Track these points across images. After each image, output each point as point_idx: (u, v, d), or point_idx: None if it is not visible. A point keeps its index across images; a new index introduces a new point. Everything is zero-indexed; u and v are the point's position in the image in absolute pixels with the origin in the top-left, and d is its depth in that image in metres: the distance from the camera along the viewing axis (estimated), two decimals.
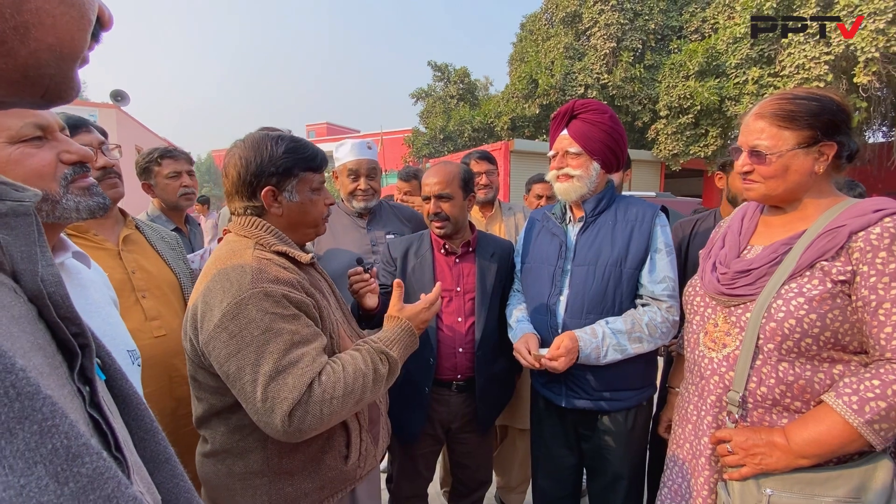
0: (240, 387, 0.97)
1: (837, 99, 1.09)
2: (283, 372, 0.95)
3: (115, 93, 12.49)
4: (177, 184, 2.17)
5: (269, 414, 0.94)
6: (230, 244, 1.12)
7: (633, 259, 1.49)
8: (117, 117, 13.92)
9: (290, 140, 1.16)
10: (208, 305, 1.01)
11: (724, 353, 1.16)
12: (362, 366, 1.06)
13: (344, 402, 1.00)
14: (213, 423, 1.12)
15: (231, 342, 0.96)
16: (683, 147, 13.76)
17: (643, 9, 14.63)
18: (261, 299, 0.98)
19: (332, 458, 1.14)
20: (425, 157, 17.33)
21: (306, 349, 1.00)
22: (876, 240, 0.98)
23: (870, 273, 0.97)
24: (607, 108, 1.56)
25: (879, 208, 1.00)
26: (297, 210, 1.18)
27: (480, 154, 2.69)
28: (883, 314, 0.96)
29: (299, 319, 1.02)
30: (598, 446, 1.57)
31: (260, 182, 1.12)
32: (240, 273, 1.01)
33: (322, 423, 0.98)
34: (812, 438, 0.99)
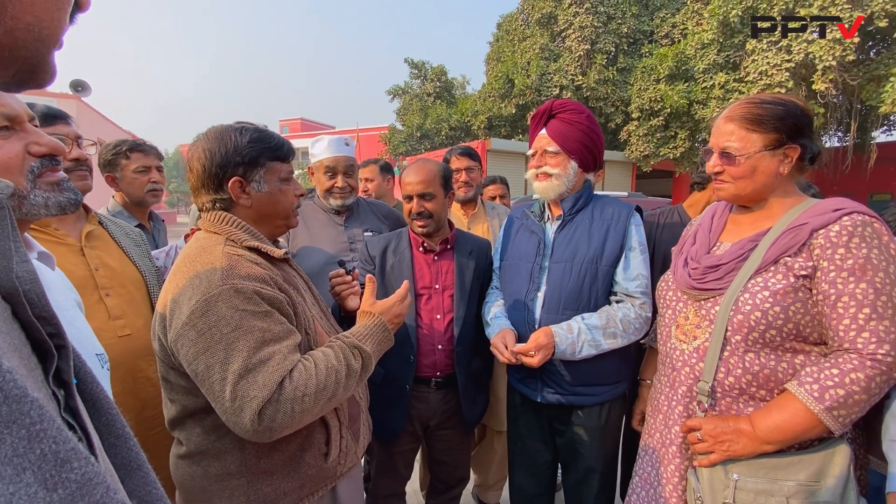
0: (208, 386, 0.95)
1: (801, 104, 1.16)
2: (252, 370, 0.93)
3: (76, 82, 11.92)
4: (145, 179, 2.08)
5: (238, 413, 0.92)
6: (199, 241, 1.09)
7: (608, 257, 1.53)
8: (77, 108, 13.30)
9: (254, 130, 1.13)
10: (177, 303, 0.98)
11: (695, 345, 1.20)
12: (335, 362, 1.04)
13: (316, 399, 0.99)
14: (187, 424, 1.08)
15: (199, 340, 0.94)
16: (654, 149, 14.15)
17: (616, 12, 14.96)
18: (231, 296, 0.96)
19: (312, 456, 1.12)
20: (402, 155, 17.24)
21: (277, 347, 0.98)
22: (835, 237, 1.03)
23: (829, 268, 1.03)
24: (585, 108, 1.60)
25: (838, 208, 1.07)
26: (267, 201, 1.15)
27: (462, 150, 2.59)
28: (841, 307, 1.01)
29: (271, 316, 1.00)
30: (573, 441, 1.60)
31: (226, 173, 1.09)
32: (209, 270, 0.98)
33: (294, 421, 0.96)
34: (776, 425, 1.04)
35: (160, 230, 2.34)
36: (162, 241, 2.30)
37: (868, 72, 11.21)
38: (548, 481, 1.74)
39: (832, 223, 1.05)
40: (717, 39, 12.37)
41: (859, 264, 1.00)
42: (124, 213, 2.10)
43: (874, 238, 1.02)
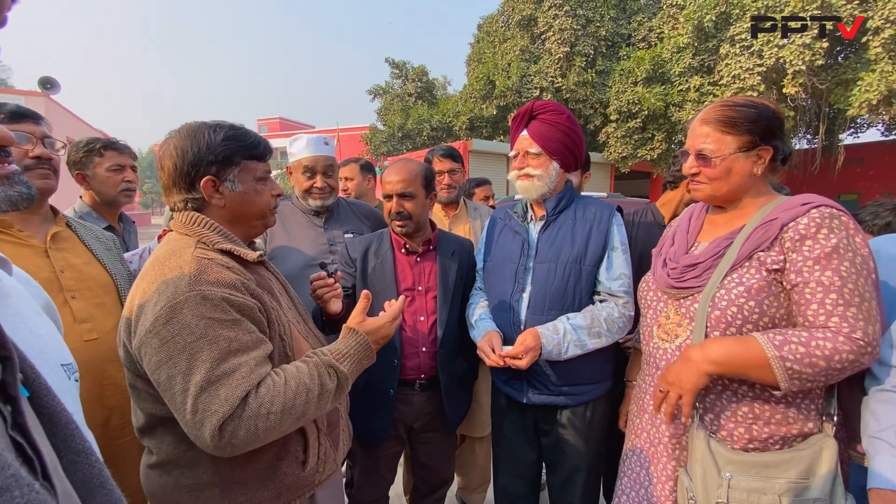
0: (170, 397, 0.91)
1: (772, 107, 1.19)
2: (215, 383, 0.89)
3: (44, 80, 11.52)
4: (119, 178, 2.01)
5: (198, 427, 0.88)
6: (170, 243, 1.05)
7: (591, 256, 1.53)
8: (46, 106, 12.84)
9: (229, 128, 1.09)
10: (142, 309, 0.94)
11: (677, 343, 1.22)
12: (307, 380, 1.00)
13: (283, 418, 0.94)
14: (157, 432, 1.04)
15: (162, 349, 0.90)
16: (632, 150, 14.41)
17: (595, 16, 15.19)
18: (198, 303, 0.92)
19: (289, 465, 1.09)
20: (383, 155, 17.15)
21: (244, 358, 0.94)
22: (803, 229, 1.07)
23: (797, 259, 1.06)
24: (565, 109, 1.60)
25: (807, 202, 1.10)
26: (241, 201, 1.11)
27: (444, 151, 2.51)
28: (809, 293, 1.04)
29: (240, 325, 0.96)
30: (558, 440, 1.60)
31: (198, 172, 1.05)
32: (177, 275, 0.94)
33: (257, 439, 0.92)
34: (726, 351, 1.06)
35: (131, 232, 2.26)
36: (132, 243, 2.22)
37: (836, 76, 11.64)
38: (532, 482, 1.74)
39: (801, 216, 1.08)
40: (692, 43, 12.68)
41: (825, 253, 1.03)
42: (93, 213, 2.02)
43: (841, 229, 1.05)
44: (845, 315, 0.99)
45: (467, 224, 2.50)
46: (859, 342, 0.98)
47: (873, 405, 1.05)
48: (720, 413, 1.15)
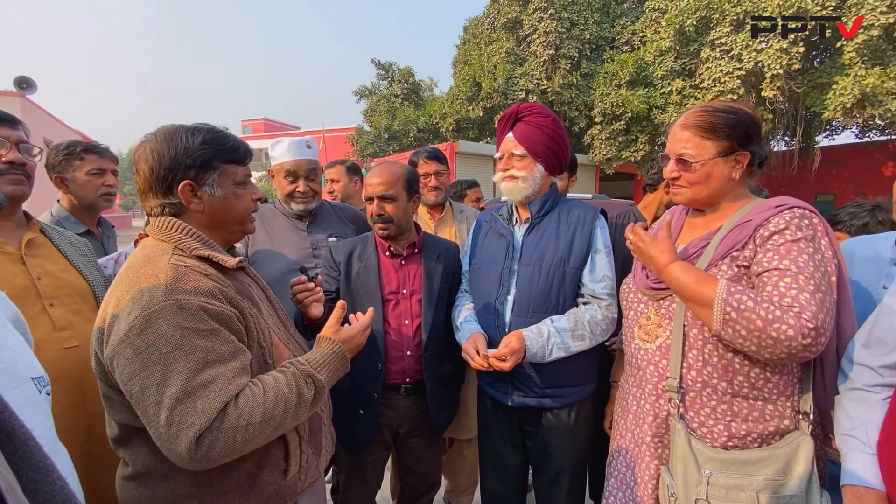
0: (143, 409, 0.88)
1: (750, 112, 1.22)
2: (192, 394, 0.87)
3: (20, 79, 11.22)
4: (99, 182, 1.97)
5: (173, 440, 0.86)
6: (145, 249, 1.02)
7: (575, 259, 1.54)
8: (22, 106, 12.49)
9: (207, 131, 1.07)
10: (116, 318, 0.91)
11: (657, 343, 1.24)
12: (285, 389, 0.99)
13: (261, 428, 0.93)
14: (133, 443, 1.01)
15: (136, 359, 0.88)
16: (616, 152, 14.60)
17: (579, 19, 15.35)
18: (173, 312, 0.89)
19: (270, 473, 1.07)
20: (370, 157, 17.08)
21: (222, 369, 0.92)
22: (773, 226, 1.11)
23: (764, 252, 1.10)
24: (550, 112, 1.61)
25: (780, 204, 1.14)
26: (221, 206, 1.09)
27: (430, 153, 2.46)
28: (766, 276, 1.08)
29: (217, 335, 0.94)
30: (543, 442, 1.61)
31: (176, 176, 1.02)
32: (153, 283, 0.92)
33: (234, 450, 0.91)
34: (682, 278, 1.13)
35: (110, 237, 2.21)
36: (111, 247, 2.17)
37: (812, 80, 11.96)
38: (519, 484, 1.74)
39: (774, 216, 1.12)
40: (673, 47, 12.90)
41: (786, 247, 1.08)
42: (71, 217, 1.97)
43: (809, 228, 1.09)
44: (797, 297, 1.02)
45: (453, 227, 2.48)
46: (806, 324, 0.98)
47: (845, 403, 1.07)
48: (699, 410, 1.17)
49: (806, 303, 1.01)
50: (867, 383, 1.05)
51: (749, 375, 1.12)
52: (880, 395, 1.02)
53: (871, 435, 0.99)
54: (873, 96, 10.50)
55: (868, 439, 0.99)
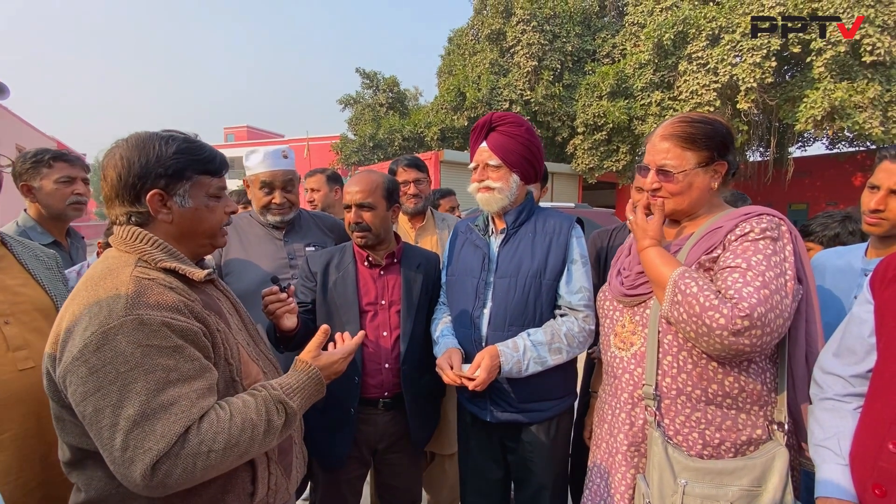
0: (96, 431, 0.83)
1: (725, 123, 1.24)
2: (150, 417, 0.82)
3: None
4: (68, 190, 1.92)
5: (127, 465, 0.81)
6: (107, 261, 0.97)
7: (551, 270, 1.53)
8: None
9: (182, 140, 1.03)
10: (70, 333, 0.86)
11: (632, 351, 1.24)
12: (254, 415, 0.94)
13: (224, 455, 0.88)
14: (87, 467, 0.95)
15: (90, 378, 0.82)
16: (598, 161, 14.84)
17: (561, 31, 15.65)
18: (134, 329, 0.85)
19: (236, 498, 1.01)
20: (354, 165, 17.02)
21: (185, 389, 0.87)
22: (739, 231, 1.13)
23: (726, 254, 1.12)
24: (524, 120, 1.60)
25: (748, 212, 1.17)
26: (191, 218, 1.04)
27: (409, 161, 2.45)
28: (720, 273, 1.11)
29: (181, 352, 0.89)
30: (523, 458, 1.58)
31: (145, 184, 0.98)
32: (112, 297, 0.87)
33: (193, 478, 0.85)
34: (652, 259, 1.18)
35: (78, 248, 2.13)
36: (80, 258, 2.10)
37: (784, 93, 12.37)
38: (500, 499, 1.71)
39: (743, 223, 1.14)
40: (652, 60, 13.22)
41: (744, 247, 1.10)
42: (38, 227, 1.91)
43: (774, 232, 1.11)
44: (741, 290, 1.03)
45: (434, 235, 2.45)
46: (738, 314, 0.99)
47: (818, 413, 1.07)
48: (675, 418, 1.17)
49: (747, 295, 1.01)
50: (838, 393, 1.05)
51: (723, 384, 1.12)
52: (851, 404, 1.03)
53: (844, 445, 0.99)
54: (842, 109, 10.91)
55: (840, 450, 0.99)
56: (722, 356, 1.08)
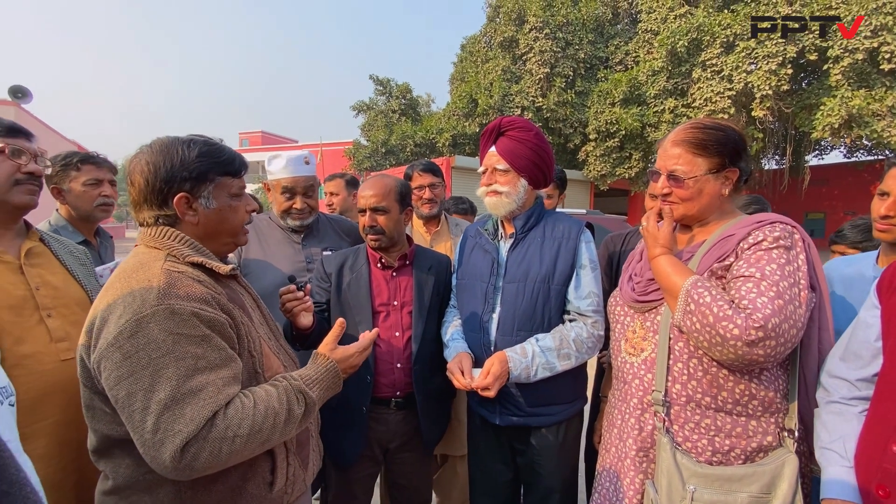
0: (128, 414, 0.87)
1: (737, 129, 1.25)
2: (180, 401, 0.86)
3: (15, 88, 11.25)
4: (95, 192, 1.98)
5: (157, 447, 0.85)
6: (138, 256, 1.02)
7: (560, 275, 1.53)
8: (17, 115, 12.49)
9: (203, 143, 1.08)
10: (105, 322, 0.90)
11: (643, 356, 1.25)
12: (276, 404, 0.98)
13: (248, 441, 0.92)
14: (114, 454, 0.99)
15: (124, 363, 0.87)
16: (610, 168, 14.80)
17: (574, 39, 15.69)
18: (165, 318, 0.89)
19: (256, 486, 1.05)
20: (367, 171, 17.17)
21: (212, 377, 0.91)
22: (752, 239, 1.13)
23: (738, 263, 1.13)
24: (533, 125, 1.61)
25: (760, 220, 1.16)
26: (216, 218, 1.09)
27: (425, 166, 2.46)
28: (733, 283, 1.10)
29: (209, 341, 0.94)
30: (532, 461, 1.59)
31: (171, 188, 1.03)
32: (145, 287, 0.92)
33: (219, 462, 0.89)
34: (663, 268, 1.19)
35: (107, 247, 2.21)
36: (109, 257, 2.17)
37: (801, 101, 12.24)
38: (509, 501, 1.72)
39: (756, 230, 1.14)
40: (666, 67, 13.19)
41: (757, 256, 1.10)
42: (69, 227, 1.98)
43: (786, 241, 1.11)
44: (755, 300, 1.03)
45: (449, 241, 2.48)
46: (753, 324, 0.99)
47: (824, 416, 1.08)
48: (684, 425, 1.17)
49: (761, 305, 1.01)
50: (844, 396, 1.06)
51: (734, 391, 1.13)
52: (857, 407, 1.04)
53: (849, 448, 1.00)
54: (859, 117, 10.76)
55: (846, 452, 1.00)
56: (735, 365, 1.08)
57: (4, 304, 1.17)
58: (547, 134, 15.76)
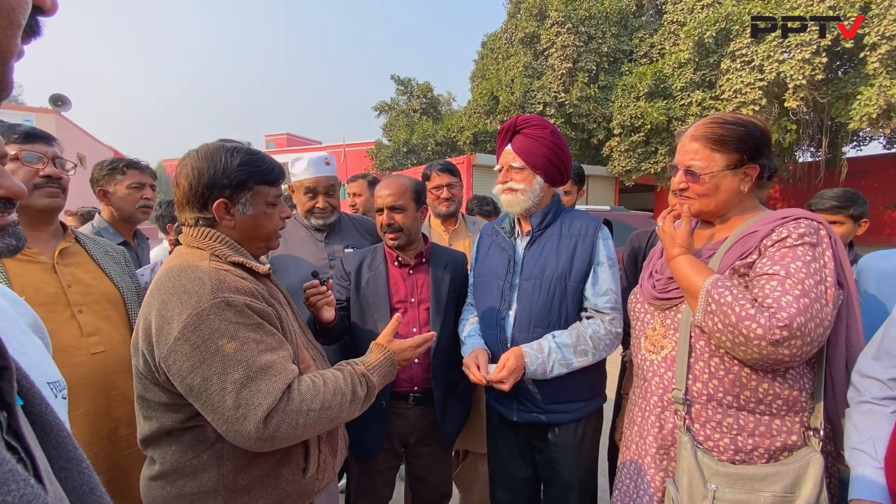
0: (206, 398, 0.95)
1: (760, 125, 1.21)
2: (254, 378, 0.95)
3: (55, 97, 11.82)
4: (138, 195, 2.13)
5: (241, 421, 0.93)
6: (183, 256, 1.08)
7: (577, 273, 1.53)
8: (57, 123, 13.13)
9: (245, 153, 1.14)
10: (165, 319, 0.97)
11: (663, 354, 1.24)
12: (342, 385, 1.08)
13: (320, 416, 1.01)
14: (162, 442, 1.07)
15: (194, 354, 0.94)
16: (636, 164, 14.49)
17: (597, 32, 15.42)
18: (222, 309, 0.97)
19: (291, 472, 1.11)
20: (388, 170, 17.33)
21: (275, 356, 1.00)
22: (776, 236, 1.11)
23: (763, 259, 1.10)
24: (549, 123, 1.61)
25: (785, 216, 1.13)
26: (251, 224, 1.16)
27: (443, 166, 2.51)
28: (757, 280, 1.08)
29: (263, 328, 1.02)
30: (550, 458, 1.60)
31: (212, 194, 1.10)
32: (198, 284, 0.98)
33: (296, 433, 0.98)
34: (682, 268, 1.17)
35: (144, 248, 2.37)
36: (145, 257, 2.32)
37: (837, 90, 11.71)
38: (529, 498, 1.73)
39: (780, 227, 1.11)
40: (693, 59, 12.82)
41: (781, 253, 1.07)
42: (110, 229, 2.13)
43: (811, 237, 1.08)
44: (779, 299, 1.00)
45: (467, 239, 2.51)
46: (777, 324, 0.97)
47: (855, 417, 1.05)
48: (705, 423, 1.16)
49: (786, 304, 0.99)
50: (876, 396, 1.03)
51: (757, 390, 1.11)
52: (889, 408, 1.01)
53: (879, 449, 0.98)
54: None
55: (876, 453, 0.98)
56: (759, 365, 1.06)
57: (37, 301, 1.25)
58: (570, 130, 15.57)
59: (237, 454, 1.05)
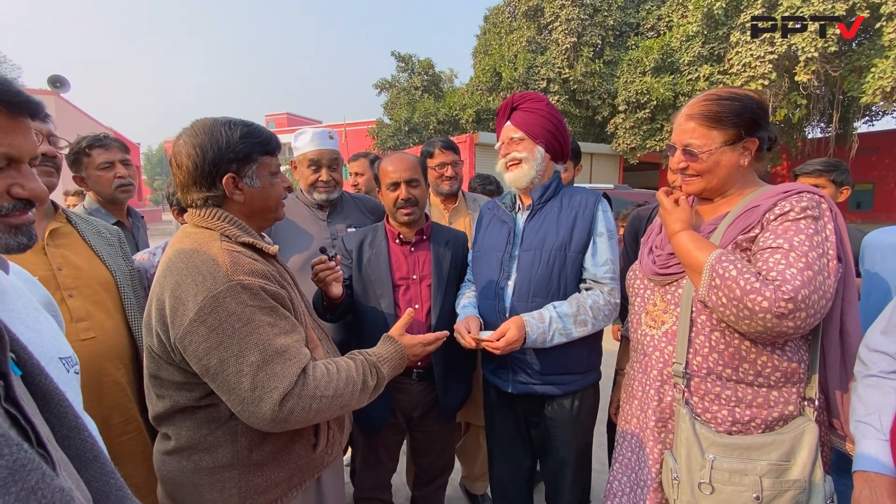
0: (222, 379, 0.96)
1: (756, 98, 1.20)
2: (270, 362, 0.97)
3: (54, 78, 11.71)
4: (110, 175, 1.95)
5: (257, 403, 0.95)
6: (192, 236, 1.06)
7: (576, 243, 1.54)
8: (56, 104, 13.03)
9: (242, 124, 1.11)
10: (180, 300, 0.97)
11: (663, 329, 1.25)
12: (354, 374, 1.10)
13: (332, 403, 1.04)
14: (176, 419, 1.08)
15: (211, 336, 0.95)
16: (640, 141, 14.28)
17: (602, 5, 14.99)
18: (238, 292, 0.97)
19: (302, 447, 1.15)
20: (390, 150, 17.18)
21: (289, 340, 1.02)
22: (778, 209, 1.11)
23: (765, 234, 1.10)
24: (544, 97, 1.64)
25: (787, 190, 1.13)
26: (260, 196, 1.14)
27: (445, 143, 2.45)
28: (760, 254, 1.08)
29: (277, 312, 1.03)
30: (546, 432, 1.62)
31: (220, 170, 1.07)
32: (212, 266, 0.98)
33: (307, 417, 1.00)
34: (684, 244, 1.16)
35: (140, 227, 2.25)
36: (142, 237, 2.23)
37: (850, 63, 11.39)
38: (526, 473, 1.77)
39: (782, 201, 1.11)
40: (701, 31, 12.48)
41: (785, 227, 1.07)
42: (101, 210, 2.01)
43: (813, 211, 1.08)
44: (783, 272, 1.01)
45: (467, 216, 2.49)
46: (782, 296, 0.98)
47: (861, 390, 1.06)
48: (704, 396, 1.17)
49: (791, 277, 1.00)
50: (883, 370, 1.04)
51: (756, 363, 1.12)
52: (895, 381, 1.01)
53: (885, 422, 0.98)
54: None
55: (881, 426, 0.98)
56: (762, 338, 1.07)
57: None
58: (574, 107, 15.30)
59: (251, 431, 1.06)
